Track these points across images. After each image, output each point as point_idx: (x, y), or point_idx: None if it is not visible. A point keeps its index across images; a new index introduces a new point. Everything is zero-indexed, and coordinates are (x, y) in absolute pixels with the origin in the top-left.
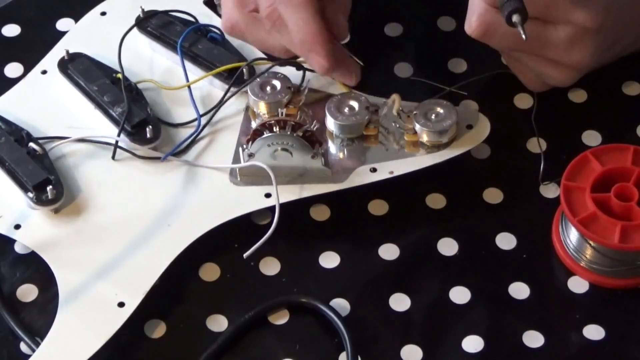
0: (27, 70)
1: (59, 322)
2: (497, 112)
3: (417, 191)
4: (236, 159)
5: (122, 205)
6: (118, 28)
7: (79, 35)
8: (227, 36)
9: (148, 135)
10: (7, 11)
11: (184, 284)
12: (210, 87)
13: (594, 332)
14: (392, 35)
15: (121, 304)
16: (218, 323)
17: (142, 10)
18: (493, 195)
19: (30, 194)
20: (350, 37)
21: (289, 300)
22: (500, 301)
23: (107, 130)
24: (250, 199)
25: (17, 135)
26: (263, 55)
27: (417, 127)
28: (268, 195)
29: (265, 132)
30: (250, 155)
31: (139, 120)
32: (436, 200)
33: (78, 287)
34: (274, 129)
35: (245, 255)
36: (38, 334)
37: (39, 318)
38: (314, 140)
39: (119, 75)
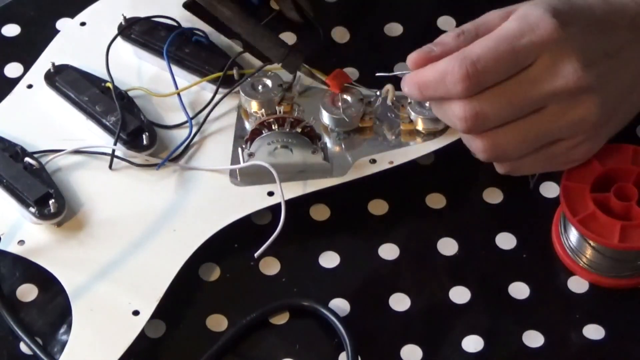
0: (26, 70)
1: (74, 337)
2: None
3: (417, 191)
4: (234, 160)
5: (124, 213)
6: (99, 37)
7: (60, 47)
8: (211, 37)
9: (144, 142)
10: (7, 11)
11: (184, 284)
12: (200, 90)
13: (594, 332)
14: (392, 35)
15: (136, 312)
16: (218, 323)
17: (124, 17)
18: (493, 195)
19: (32, 209)
20: (351, 37)
21: (289, 304)
22: (500, 301)
23: (101, 140)
24: (254, 199)
25: (12, 151)
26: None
27: (413, 115)
28: (271, 194)
29: (264, 131)
30: (251, 155)
31: (134, 127)
32: (436, 200)
33: (91, 300)
34: (273, 127)
35: (256, 254)
36: (38, 334)
37: (39, 318)
38: (313, 136)
39: (109, 85)
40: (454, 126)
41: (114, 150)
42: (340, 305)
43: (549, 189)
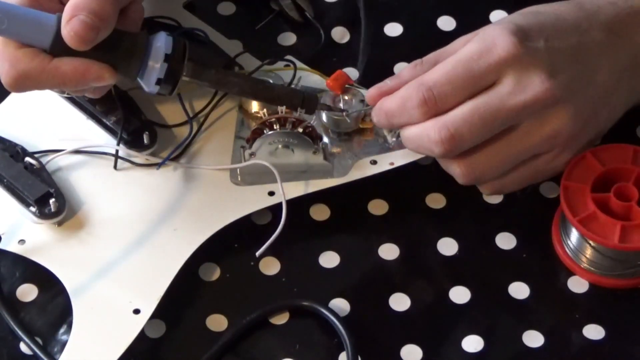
0: None
1: (75, 336)
2: None
3: (417, 191)
4: (235, 159)
5: (125, 213)
6: None
7: None
8: (212, 37)
9: (145, 142)
10: None
11: (184, 284)
12: (200, 89)
13: (594, 332)
14: (392, 35)
15: (136, 311)
16: (218, 323)
17: None
18: (493, 195)
19: (33, 209)
20: (350, 37)
21: (289, 304)
22: (500, 301)
23: (102, 139)
24: (254, 198)
25: (12, 150)
26: (247, 53)
27: None
28: (271, 194)
29: (265, 131)
30: (252, 155)
31: (135, 127)
32: (436, 200)
33: (91, 298)
34: (274, 127)
35: (257, 253)
36: (38, 334)
37: (39, 318)
38: (314, 136)
39: None
40: (431, 153)
41: (117, 151)
42: (340, 305)
43: (549, 189)
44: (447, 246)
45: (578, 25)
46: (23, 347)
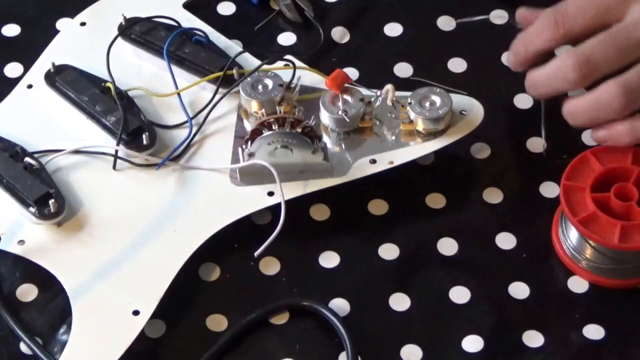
0: (26, 70)
1: (74, 337)
2: (497, 112)
3: (417, 191)
4: (234, 159)
5: (124, 213)
6: (99, 38)
7: (60, 47)
8: (211, 37)
9: (145, 142)
10: (7, 11)
11: (184, 284)
12: (200, 90)
13: (594, 332)
14: (392, 35)
15: (136, 312)
16: (218, 323)
17: (125, 18)
18: (493, 195)
19: (32, 209)
20: (351, 36)
21: (289, 304)
22: (500, 301)
23: (101, 139)
24: (254, 198)
25: (12, 151)
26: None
27: (413, 115)
28: (271, 194)
29: (264, 131)
30: (251, 155)
31: (134, 127)
32: (436, 200)
33: (91, 299)
34: (273, 127)
35: (256, 253)
36: (38, 334)
37: (39, 318)
38: (313, 136)
39: (109, 84)
40: (566, 82)
41: (117, 151)
42: (340, 305)
43: (549, 189)
44: (447, 246)
45: None
46: (23, 347)
